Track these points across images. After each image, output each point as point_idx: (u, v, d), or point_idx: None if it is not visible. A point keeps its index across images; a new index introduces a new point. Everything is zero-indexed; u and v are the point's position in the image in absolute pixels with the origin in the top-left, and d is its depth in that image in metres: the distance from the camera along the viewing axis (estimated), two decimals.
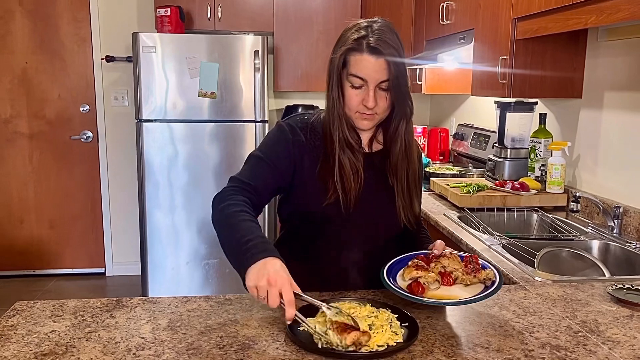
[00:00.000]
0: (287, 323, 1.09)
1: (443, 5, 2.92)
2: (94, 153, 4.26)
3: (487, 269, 1.27)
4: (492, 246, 1.84)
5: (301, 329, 1.13)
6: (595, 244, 1.94)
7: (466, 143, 3.35)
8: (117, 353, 1.06)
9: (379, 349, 1.05)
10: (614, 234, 1.98)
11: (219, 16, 3.80)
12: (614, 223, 1.99)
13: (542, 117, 2.49)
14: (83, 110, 4.21)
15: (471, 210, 2.27)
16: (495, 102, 2.64)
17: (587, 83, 2.31)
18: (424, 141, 3.77)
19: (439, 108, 4.12)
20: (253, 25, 3.86)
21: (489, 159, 2.71)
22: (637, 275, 1.69)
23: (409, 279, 1.23)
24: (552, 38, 2.20)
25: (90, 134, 4.23)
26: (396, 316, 1.16)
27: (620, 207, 1.99)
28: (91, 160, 4.27)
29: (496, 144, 2.69)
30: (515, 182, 2.39)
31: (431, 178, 2.75)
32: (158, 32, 3.55)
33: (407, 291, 1.20)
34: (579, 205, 2.19)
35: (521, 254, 1.79)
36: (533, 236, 2.17)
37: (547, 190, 2.37)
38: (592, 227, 2.09)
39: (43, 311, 1.25)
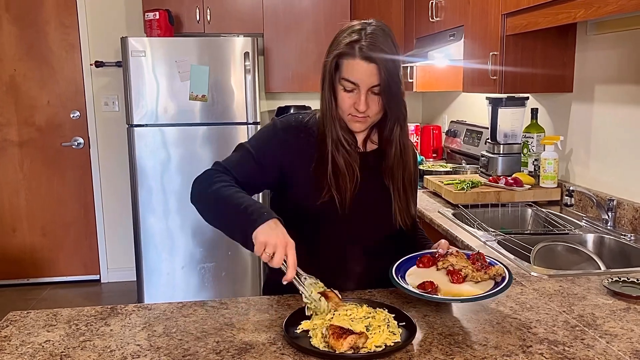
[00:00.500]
0: (284, 283, 1.15)
1: (432, 2, 2.92)
2: (86, 159, 4.24)
3: (497, 265, 1.28)
4: (488, 242, 1.84)
5: (297, 330, 1.12)
6: (590, 238, 1.94)
7: (459, 140, 3.36)
8: None
9: (377, 350, 1.04)
10: (608, 227, 1.98)
11: (208, 19, 3.79)
12: (608, 216, 2.00)
13: (534, 112, 2.50)
14: (73, 116, 4.18)
15: (465, 206, 2.27)
16: (486, 98, 2.64)
17: (578, 77, 2.31)
18: (417, 139, 3.78)
19: (431, 105, 4.12)
20: (242, 26, 3.85)
21: (482, 155, 2.72)
22: (633, 267, 1.70)
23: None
24: (542, 33, 2.20)
25: (81, 140, 4.21)
26: (393, 316, 1.16)
27: (613, 200, 2.00)
28: (83, 166, 4.24)
29: (489, 140, 2.69)
30: (508, 178, 2.39)
31: (425, 176, 2.75)
32: (147, 36, 3.53)
33: (420, 290, 1.20)
34: (573, 199, 2.19)
35: (516, 250, 1.79)
36: (528, 231, 2.18)
37: (541, 184, 2.37)
38: (587, 221, 2.09)
39: (37, 321, 1.24)
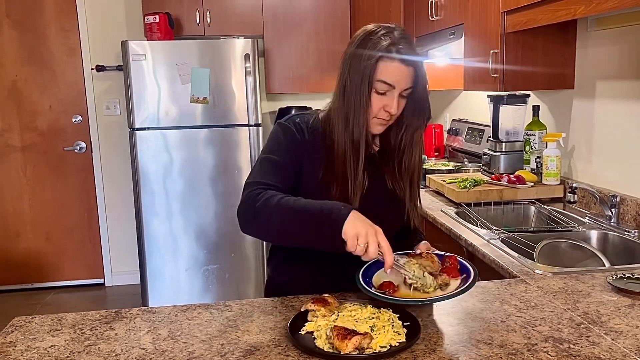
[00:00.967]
0: (387, 272, 1.15)
1: (432, 1, 2.92)
2: (88, 163, 4.24)
3: (443, 276, 1.23)
4: (491, 240, 1.84)
5: (301, 331, 1.12)
6: (593, 234, 1.94)
7: (461, 138, 3.35)
8: None
9: (382, 350, 1.04)
10: (612, 224, 1.98)
11: (208, 21, 3.79)
12: (612, 212, 1.99)
13: (536, 109, 2.49)
14: (75, 120, 4.19)
15: (468, 205, 2.27)
16: (488, 96, 2.64)
17: (579, 73, 2.31)
18: None
19: (432, 104, 4.05)
20: (242, 28, 3.85)
21: (484, 153, 2.71)
22: (637, 264, 1.69)
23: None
24: (542, 30, 2.20)
25: (83, 145, 4.21)
26: (397, 316, 1.16)
27: (617, 196, 1.99)
28: (86, 170, 4.25)
29: (491, 138, 2.69)
30: (511, 176, 2.39)
31: (427, 175, 2.75)
32: (147, 40, 3.53)
33: (380, 290, 1.18)
34: (576, 196, 2.19)
35: (520, 247, 1.79)
36: (531, 229, 2.17)
37: (544, 182, 2.36)
38: (590, 217, 2.09)
39: (42, 326, 1.24)
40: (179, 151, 3.56)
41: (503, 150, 2.59)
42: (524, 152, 2.54)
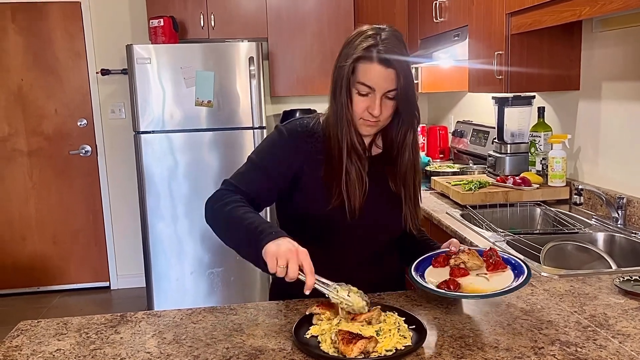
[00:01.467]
0: (306, 293, 1.12)
1: (436, 2, 2.92)
2: (94, 167, 4.26)
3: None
4: (497, 243, 1.83)
5: (306, 335, 1.12)
6: (600, 236, 1.93)
7: (466, 140, 3.34)
8: None
9: (388, 354, 1.04)
10: (619, 225, 1.97)
11: (213, 24, 3.80)
12: (618, 214, 1.98)
13: (541, 111, 2.48)
14: (81, 124, 4.21)
15: (474, 207, 2.26)
16: (492, 98, 2.63)
17: (584, 74, 2.30)
18: (423, 140, 3.76)
19: (437, 106, 4.11)
20: (247, 31, 3.86)
21: (489, 155, 2.70)
22: None
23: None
24: (547, 31, 2.19)
25: (89, 148, 4.23)
26: (403, 319, 1.15)
27: (623, 198, 1.98)
28: (91, 174, 4.27)
29: (496, 140, 2.68)
30: (516, 177, 2.38)
31: (432, 177, 2.74)
32: (152, 43, 3.55)
33: (442, 288, 1.20)
34: (582, 197, 2.18)
35: (526, 250, 1.78)
36: (537, 231, 2.16)
37: (549, 184, 2.35)
38: (596, 219, 2.08)
39: (47, 330, 1.24)
40: (184, 154, 3.57)
41: (508, 152, 2.59)
42: (530, 154, 2.53)
